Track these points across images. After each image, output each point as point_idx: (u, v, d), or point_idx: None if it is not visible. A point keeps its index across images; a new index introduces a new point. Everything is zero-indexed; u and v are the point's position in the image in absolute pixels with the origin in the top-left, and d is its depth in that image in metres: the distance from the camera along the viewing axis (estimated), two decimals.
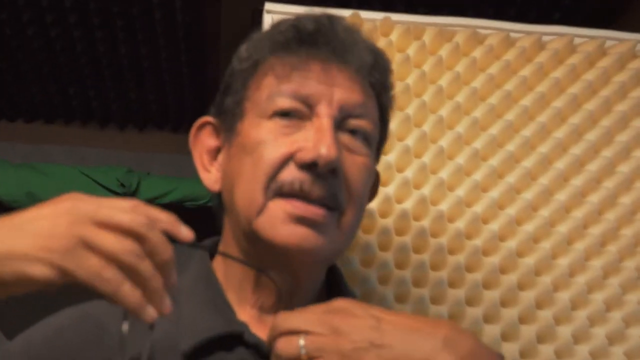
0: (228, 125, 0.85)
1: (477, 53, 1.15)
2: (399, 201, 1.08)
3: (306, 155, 0.75)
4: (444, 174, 1.07)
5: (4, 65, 2.46)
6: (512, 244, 1.07)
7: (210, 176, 0.87)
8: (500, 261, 1.07)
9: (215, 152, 0.88)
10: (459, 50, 1.14)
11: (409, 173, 1.07)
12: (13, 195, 2.31)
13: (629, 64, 1.17)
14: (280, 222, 0.76)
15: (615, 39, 1.20)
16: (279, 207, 0.76)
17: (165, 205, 2.34)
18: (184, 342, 0.76)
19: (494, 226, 1.07)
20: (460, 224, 1.07)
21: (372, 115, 0.83)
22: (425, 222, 1.06)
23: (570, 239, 1.09)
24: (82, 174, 2.39)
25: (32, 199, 2.29)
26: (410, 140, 1.08)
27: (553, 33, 1.20)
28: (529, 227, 1.08)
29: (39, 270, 0.55)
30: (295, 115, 0.79)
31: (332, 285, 0.89)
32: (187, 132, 0.88)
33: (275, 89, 0.80)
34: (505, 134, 1.09)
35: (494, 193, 1.08)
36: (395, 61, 1.12)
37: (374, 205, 1.04)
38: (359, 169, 0.81)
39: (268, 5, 1.19)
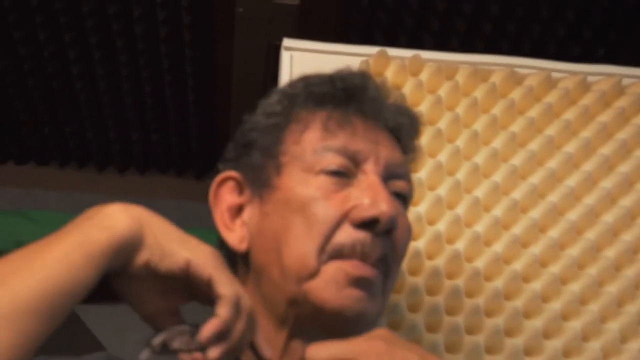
0: (259, 181, 0.86)
1: (516, 95, 1.16)
2: (432, 257, 1.08)
3: (366, 213, 0.77)
4: (479, 227, 1.08)
5: None
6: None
7: (234, 235, 0.87)
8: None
9: (237, 210, 0.88)
10: (495, 91, 1.15)
11: (441, 226, 1.08)
12: (1, 244, 2.24)
13: None
14: (340, 286, 0.77)
15: None
16: (339, 270, 0.78)
17: None
18: None
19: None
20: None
21: (409, 177, 0.86)
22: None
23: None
24: None
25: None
26: (442, 190, 1.09)
27: (599, 73, 1.21)
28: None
29: None
30: (344, 173, 0.81)
31: None
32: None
33: (321, 143, 0.82)
34: (547, 184, 1.10)
35: (536, 249, 1.07)
36: (426, 103, 1.14)
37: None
38: (405, 230, 0.83)
39: (286, 42, 1.20)
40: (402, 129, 0.89)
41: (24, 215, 2.35)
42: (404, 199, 0.85)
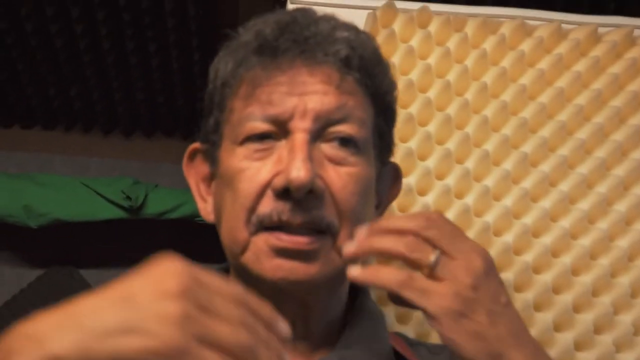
0: (212, 153, 0.87)
1: (526, 46, 1.15)
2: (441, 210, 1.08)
3: (278, 182, 0.76)
4: (489, 181, 1.09)
5: None
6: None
7: (207, 206, 0.88)
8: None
9: (209, 180, 0.89)
10: (505, 43, 1.15)
11: (450, 180, 1.09)
12: (8, 208, 2.33)
13: None
14: (266, 257, 0.77)
15: None
16: (263, 241, 0.77)
17: (174, 220, 2.39)
18: None
19: (547, 240, 1.08)
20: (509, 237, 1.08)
21: (356, 116, 0.82)
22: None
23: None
24: (84, 185, 2.40)
25: (29, 213, 2.33)
26: (451, 144, 1.09)
27: (609, 24, 1.21)
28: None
29: None
30: (270, 137, 0.79)
31: (352, 300, 0.89)
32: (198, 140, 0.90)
33: (243, 112, 0.80)
34: (557, 136, 1.10)
35: (546, 203, 1.09)
36: (434, 55, 1.14)
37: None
38: (345, 181, 0.80)
39: None
40: (348, 59, 0.82)
41: (31, 179, 2.41)
42: (351, 143, 0.81)
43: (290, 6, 1.18)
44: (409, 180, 1.09)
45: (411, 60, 1.15)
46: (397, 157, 1.06)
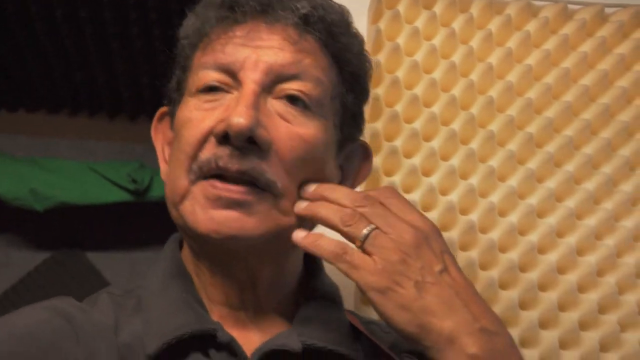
0: (172, 112, 0.86)
1: (531, 27, 1.15)
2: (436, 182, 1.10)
3: (219, 127, 0.76)
4: (494, 162, 1.09)
5: (3, 49, 2.45)
6: (571, 239, 1.08)
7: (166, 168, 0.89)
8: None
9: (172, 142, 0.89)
10: (510, 24, 1.15)
11: (455, 161, 1.10)
12: (15, 192, 2.35)
13: None
14: (200, 208, 0.76)
15: None
16: (201, 189, 0.76)
17: None
18: (150, 344, 0.76)
19: (552, 220, 1.08)
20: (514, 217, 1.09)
21: (312, 74, 0.81)
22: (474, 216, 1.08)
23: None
24: (90, 169, 2.42)
25: (35, 197, 2.35)
26: (456, 124, 1.10)
27: (616, 4, 1.20)
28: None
29: None
30: (222, 89, 0.79)
31: (309, 271, 0.89)
32: None
33: (201, 60, 0.81)
34: (563, 117, 1.10)
35: (551, 183, 1.10)
36: (440, 36, 1.14)
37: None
38: (295, 141, 0.78)
39: None
40: (304, 19, 0.82)
41: (37, 163, 2.42)
42: (301, 102, 0.80)
43: None
44: (413, 161, 1.10)
45: (416, 41, 1.15)
46: (403, 138, 1.11)
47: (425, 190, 1.09)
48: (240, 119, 0.73)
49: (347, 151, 0.86)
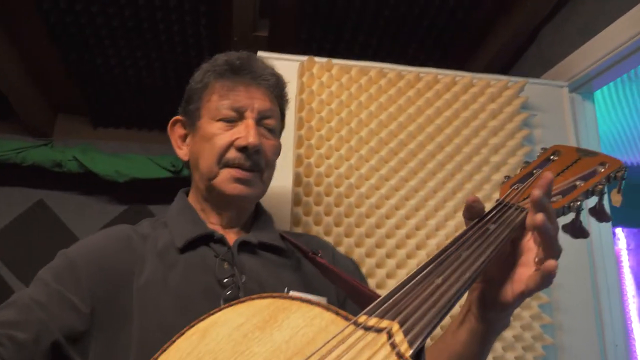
0: (191, 123, 0.92)
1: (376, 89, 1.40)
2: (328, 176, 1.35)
3: (241, 142, 0.85)
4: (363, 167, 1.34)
5: (106, 83, 2.40)
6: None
7: (182, 152, 0.93)
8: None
9: (184, 137, 0.94)
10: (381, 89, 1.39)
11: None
12: (106, 171, 2.47)
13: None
14: (228, 182, 0.85)
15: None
16: (228, 173, 0.85)
17: None
18: (177, 241, 0.84)
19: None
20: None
21: (276, 115, 0.91)
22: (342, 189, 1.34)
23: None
24: (149, 159, 2.57)
25: (118, 174, 2.51)
26: (345, 146, 1.34)
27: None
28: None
29: None
30: (232, 119, 0.87)
31: (257, 210, 0.97)
32: None
33: (219, 103, 0.87)
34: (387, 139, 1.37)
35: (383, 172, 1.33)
36: (335, 103, 1.37)
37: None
38: (271, 148, 0.90)
39: (259, 53, 1.25)
40: (273, 86, 0.91)
41: (119, 156, 2.61)
42: (272, 130, 0.90)
43: (259, 54, 1.27)
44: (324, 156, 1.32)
45: (322, 105, 1.37)
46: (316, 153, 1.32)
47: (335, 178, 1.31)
48: (255, 140, 0.84)
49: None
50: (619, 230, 2.77)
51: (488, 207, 0.68)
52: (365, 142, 1.39)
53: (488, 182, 1.43)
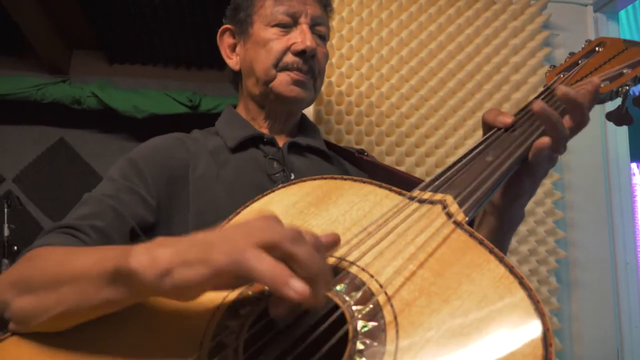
0: (242, 31, 0.90)
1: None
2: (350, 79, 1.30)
3: (298, 47, 0.84)
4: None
5: (125, 24, 2.36)
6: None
7: (232, 61, 0.92)
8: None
9: (233, 47, 0.93)
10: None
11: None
12: (125, 107, 2.53)
13: None
14: (287, 84, 0.85)
15: None
16: (287, 75, 0.85)
17: (215, 113, 2.33)
18: (229, 142, 0.85)
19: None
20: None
21: (326, 23, 0.91)
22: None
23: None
24: (166, 95, 2.59)
25: (136, 110, 2.56)
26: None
27: None
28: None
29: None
30: (287, 24, 0.86)
31: (302, 119, 0.97)
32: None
33: (274, 9, 0.86)
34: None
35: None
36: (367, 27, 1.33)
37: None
38: (323, 55, 0.90)
39: None
40: None
41: (138, 92, 2.65)
42: (323, 37, 0.90)
43: None
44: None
45: (351, 32, 1.31)
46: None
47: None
48: (312, 44, 0.83)
49: None
50: (634, 166, 2.74)
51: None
52: (386, 60, 1.35)
53: (508, 101, 1.39)
